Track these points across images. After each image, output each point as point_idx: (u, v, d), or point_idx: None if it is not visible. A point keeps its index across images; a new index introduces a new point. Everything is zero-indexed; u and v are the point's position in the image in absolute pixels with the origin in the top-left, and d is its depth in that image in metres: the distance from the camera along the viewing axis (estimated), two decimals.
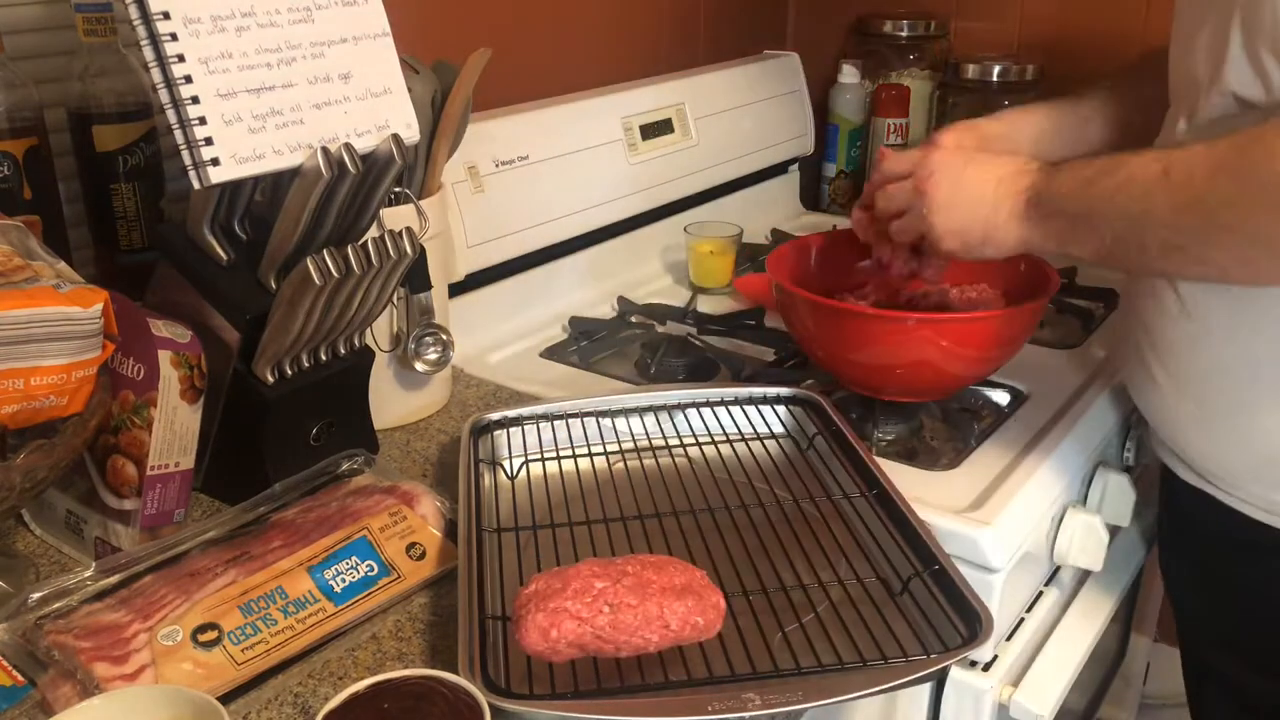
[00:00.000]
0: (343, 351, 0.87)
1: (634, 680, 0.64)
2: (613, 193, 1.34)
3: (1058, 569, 1.03)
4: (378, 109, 0.80)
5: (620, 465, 0.90)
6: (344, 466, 0.86)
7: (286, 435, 0.85)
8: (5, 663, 0.66)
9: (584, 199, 1.30)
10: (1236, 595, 0.89)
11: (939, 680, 0.91)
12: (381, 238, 0.80)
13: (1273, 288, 0.74)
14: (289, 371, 0.83)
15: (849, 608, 0.70)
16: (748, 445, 0.92)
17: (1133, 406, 1.08)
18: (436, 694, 0.60)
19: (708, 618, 0.64)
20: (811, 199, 1.78)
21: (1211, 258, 0.72)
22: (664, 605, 0.63)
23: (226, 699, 0.64)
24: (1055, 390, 1.07)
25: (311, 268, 0.75)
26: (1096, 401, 1.05)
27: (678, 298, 1.34)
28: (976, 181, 0.85)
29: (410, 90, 0.83)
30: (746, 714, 0.59)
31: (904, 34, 1.70)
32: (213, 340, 0.81)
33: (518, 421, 0.92)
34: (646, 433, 0.93)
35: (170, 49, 0.69)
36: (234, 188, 0.78)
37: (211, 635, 0.66)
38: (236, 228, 0.82)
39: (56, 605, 0.68)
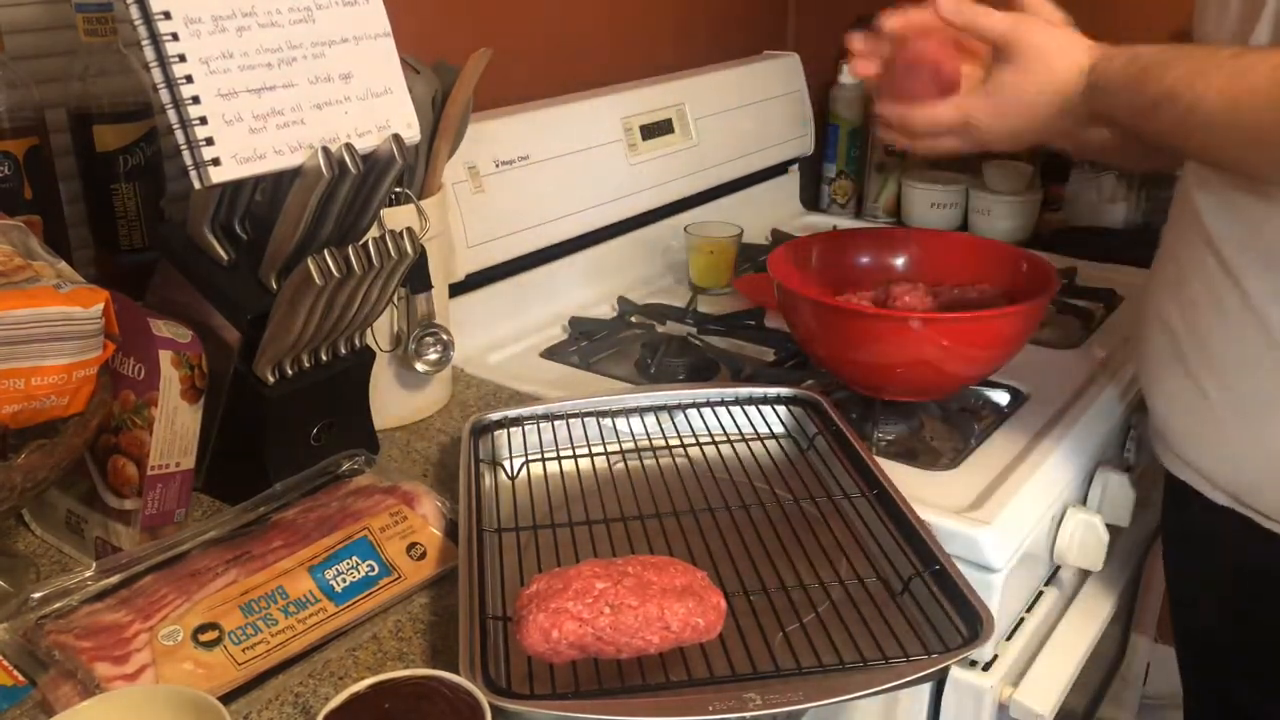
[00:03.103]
0: (343, 351, 0.87)
1: (634, 680, 0.64)
2: (613, 193, 1.34)
3: (1058, 569, 1.03)
4: (378, 109, 0.80)
5: (620, 465, 0.90)
6: (344, 466, 0.86)
7: (287, 435, 0.85)
8: (6, 662, 0.66)
9: (584, 199, 1.30)
10: (1260, 627, 0.86)
11: (939, 680, 0.91)
12: (382, 238, 0.80)
13: None
14: (289, 371, 0.83)
15: (850, 607, 0.71)
16: (748, 445, 0.92)
17: (1134, 406, 1.09)
18: (437, 694, 0.60)
19: (708, 619, 0.64)
20: (811, 199, 1.78)
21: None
22: (665, 606, 0.63)
23: (227, 699, 0.64)
24: (1055, 390, 1.07)
25: (312, 268, 0.75)
26: (1096, 401, 1.05)
27: (678, 298, 1.34)
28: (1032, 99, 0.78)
29: (411, 90, 0.83)
30: (747, 714, 0.59)
31: None
32: (213, 340, 0.81)
33: (518, 421, 0.92)
34: (646, 433, 0.93)
35: (171, 49, 0.69)
36: (234, 188, 0.78)
37: (212, 635, 0.66)
38: (237, 228, 0.82)
39: (57, 605, 0.68)
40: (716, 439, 0.92)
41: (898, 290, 1.04)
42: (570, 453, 0.91)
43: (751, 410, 0.95)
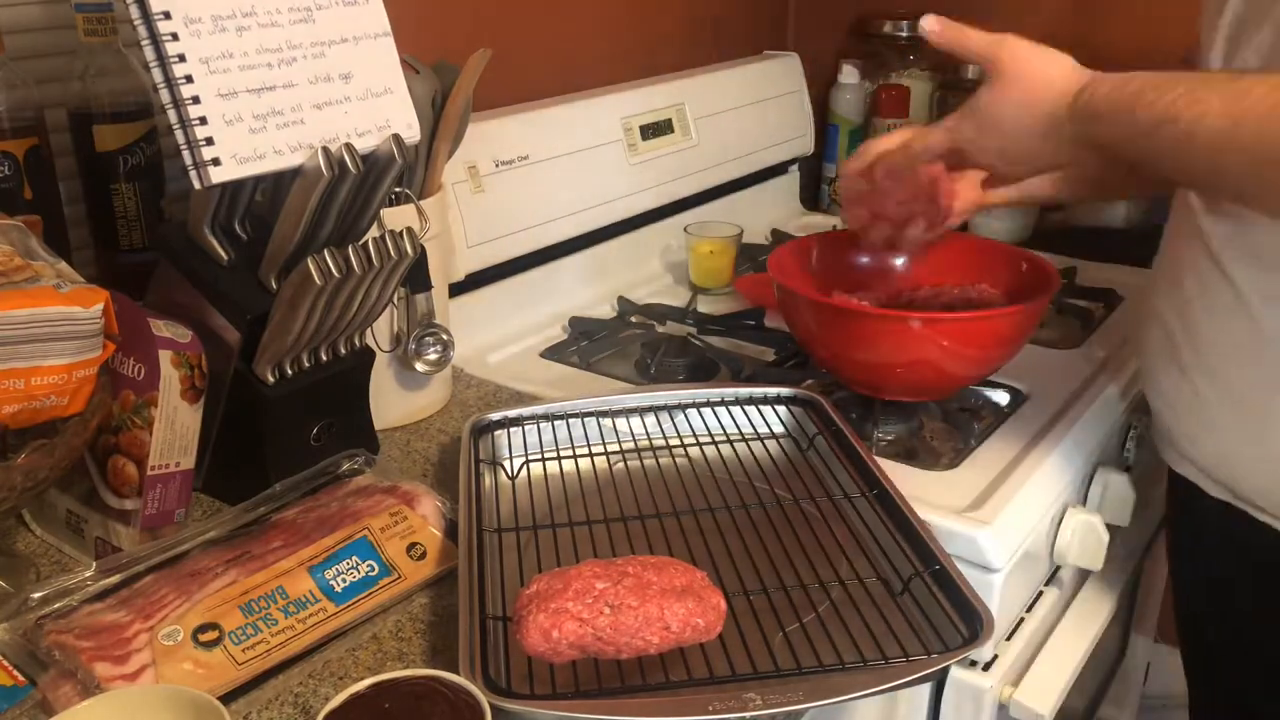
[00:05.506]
0: (343, 351, 0.87)
1: (635, 680, 0.64)
2: (613, 193, 1.34)
3: (1058, 569, 1.03)
4: (378, 109, 0.80)
5: (620, 465, 0.90)
6: (344, 466, 0.86)
7: (287, 435, 0.85)
8: (6, 662, 0.66)
9: (584, 199, 1.30)
10: (1261, 620, 0.86)
11: (939, 680, 0.91)
12: (382, 238, 0.80)
13: None
14: (289, 371, 0.83)
15: (849, 607, 0.71)
16: (748, 445, 0.92)
17: (1134, 406, 1.09)
18: (437, 694, 0.60)
19: (708, 619, 0.64)
20: (811, 199, 1.78)
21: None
22: (664, 606, 0.63)
23: (227, 699, 0.64)
24: (1055, 390, 1.07)
25: (312, 268, 0.75)
26: (1096, 401, 1.05)
27: (678, 298, 1.34)
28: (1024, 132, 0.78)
29: (411, 90, 0.83)
30: (748, 714, 0.59)
31: (904, 34, 1.70)
32: (213, 340, 0.81)
33: (518, 422, 0.92)
34: (646, 433, 0.93)
35: (171, 49, 0.69)
36: (234, 188, 0.78)
37: (212, 635, 0.66)
38: (237, 228, 0.82)
39: (57, 605, 0.68)
40: (716, 439, 0.92)
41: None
42: (570, 453, 0.91)
43: (751, 410, 0.95)
